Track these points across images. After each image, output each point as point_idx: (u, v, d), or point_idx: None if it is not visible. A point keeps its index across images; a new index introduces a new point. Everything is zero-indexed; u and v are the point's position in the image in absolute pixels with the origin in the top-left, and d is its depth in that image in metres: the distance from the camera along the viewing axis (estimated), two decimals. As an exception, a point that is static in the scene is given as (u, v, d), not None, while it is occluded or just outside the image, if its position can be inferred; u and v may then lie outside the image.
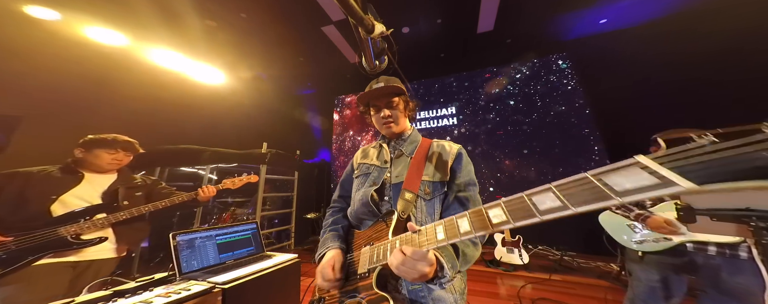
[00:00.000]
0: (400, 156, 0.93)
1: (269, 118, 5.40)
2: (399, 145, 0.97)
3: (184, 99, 4.00)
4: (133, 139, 1.60)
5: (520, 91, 4.26)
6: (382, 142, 1.02)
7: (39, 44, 2.72)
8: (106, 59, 3.18)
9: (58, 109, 2.90)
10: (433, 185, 0.82)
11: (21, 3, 2.51)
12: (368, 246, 0.74)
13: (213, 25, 3.61)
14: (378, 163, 0.95)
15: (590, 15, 3.60)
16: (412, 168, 0.85)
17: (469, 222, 0.48)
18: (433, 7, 3.48)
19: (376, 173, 0.92)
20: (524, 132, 4.09)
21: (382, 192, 0.87)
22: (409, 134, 0.99)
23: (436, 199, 0.81)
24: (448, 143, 0.94)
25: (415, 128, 1.03)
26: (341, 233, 0.90)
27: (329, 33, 3.97)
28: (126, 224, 1.47)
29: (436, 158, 0.88)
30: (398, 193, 0.82)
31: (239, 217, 3.94)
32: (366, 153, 1.04)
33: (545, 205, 0.39)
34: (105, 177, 1.53)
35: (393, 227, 0.70)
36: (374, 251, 0.70)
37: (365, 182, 0.93)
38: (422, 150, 0.91)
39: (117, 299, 0.97)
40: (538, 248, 3.50)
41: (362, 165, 0.99)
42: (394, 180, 0.87)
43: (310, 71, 5.17)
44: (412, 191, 0.79)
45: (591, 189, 0.35)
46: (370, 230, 0.81)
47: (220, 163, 3.89)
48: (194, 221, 3.58)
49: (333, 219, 0.97)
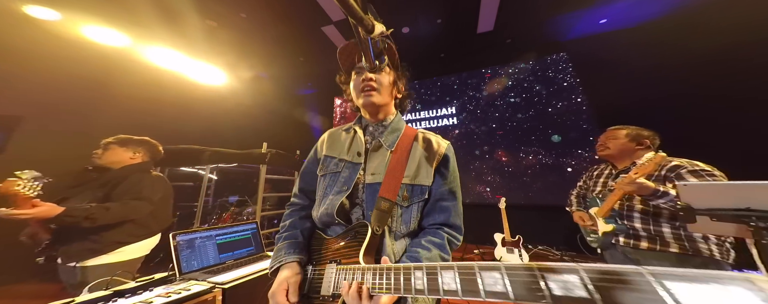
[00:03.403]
0: (378, 148, 0.77)
1: (269, 118, 5.41)
2: (378, 132, 0.81)
3: (184, 99, 4.01)
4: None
5: (520, 91, 4.26)
6: (356, 127, 0.83)
7: (39, 44, 2.73)
8: (106, 59, 3.18)
9: (58, 109, 2.90)
10: (413, 190, 0.71)
11: (21, 3, 2.51)
12: (335, 264, 0.63)
13: (213, 24, 3.61)
14: (349, 157, 0.77)
15: (590, 15, 3.60)
16: (391, 166, 0.71)
17: (458, 280, 0.40)
18: (433, 7, 3.48)
19: (347, 172, 0.75)
20: (524, 132, 4.09)
21: (354, 194, 0.72)
22: (391, 120, 0.82)
23: (415, 205, 0.70)
24: (436, 138, 0.80)
25: (398, 114, 0.85)
26: (301, 239, 0.75)
27: (329, 33, 3.97)
28: None
29: (420, 154, 0.75)
30: (373, 197, 0.69)
31: (239, 217, 3.94)
32: (335, 139, 0.85)
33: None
34: None
35: (365, 246, 0.60)
36: (341, 273, 0.60)
37: (333, 184, 0.75)
38: (405, 142, 0.77)
39: (117, 299, 0.98)
40: (538, 248, 3.50)
41: (329, 159, 0.80)
42: (368, 178, 0.72)
43: (310, 71, 5.17)
44: (389, 200, 0.67)
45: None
46: (339, 241, 0.68)
47: (220, 163, 3.88)
48: (194, 220, 3.58)
49: (291, 222, 0.80)
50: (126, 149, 1.61)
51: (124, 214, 1.41)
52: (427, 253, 0.63)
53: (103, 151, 1.58)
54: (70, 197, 1.44)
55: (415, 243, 0.67)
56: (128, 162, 1.60)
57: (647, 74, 3.43)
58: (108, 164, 1.57)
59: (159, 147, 1.80)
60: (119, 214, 1.38)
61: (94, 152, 1.59)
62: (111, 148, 1.58)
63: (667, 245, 1.13)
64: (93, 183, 1.50)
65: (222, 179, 4.51)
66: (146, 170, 1.65)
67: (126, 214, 1.42)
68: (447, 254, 0.66)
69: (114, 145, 1.59)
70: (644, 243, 1.18)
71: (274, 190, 4.30)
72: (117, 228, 1.41)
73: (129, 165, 1.60)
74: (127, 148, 1.61)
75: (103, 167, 1.57)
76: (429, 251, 0.63)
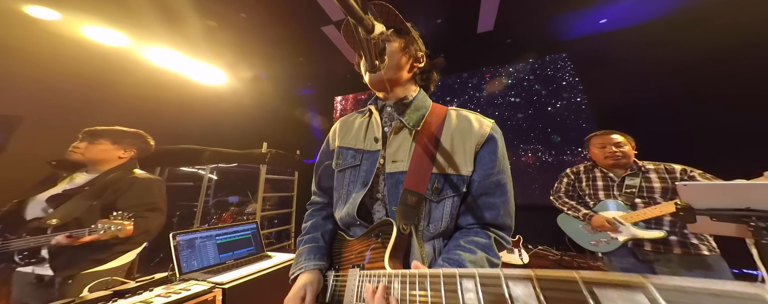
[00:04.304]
0: (400, 130, 0.64)
1: (269, 118, 5.41)
2: (398, 112, 0.66)
3: (184, 99, 4.01)
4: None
5: (520, 91, 4.26)
6: (372, 107, 0.71)
7: (39, 44, 2.73)
8: (107, 59, 3.18)
9: (58, 109, 2.90)
10: (446, 180, 0.57)
11: (21, 3, 2.51)
12: (359, 269, 0.54)
13: (213, 25, 3.61)
14: (366, 146, 0.66)
15: (590, 15, 3.60)
16: (417, 151, 0.59)
17: (541, 298, 0.25)
18: (433, 7, 3.48)
19: (367, 163, 0.64)
20: (525, 132, 4.09)
21: (374, 188, 0.62)
22: (414, 97, 0.67)
23: (448, 200, 0.57)
24: (477, 116, 0.64)
25: (421, 91, 0.70)
26: (322, 244, 0.67)
27: (329, 33, 3.96)
28: None
29: (455, 135, 0.61)
30: (396, 188, 0.58)
31: (239, 217, 3.94)
32: (348, 127, 0.73)
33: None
34: None
35: (391, 248, 0.50)
36: (365, 279, 0.50)
37: (355, 180, 0.65)
38: (434, 121, 0.63)
39: (117, 299, 0.98)
40: (538, 248, 3.50)
41: (345, 151, 0.69)
42: (389, 167, 0.60)
43: (310, 71, 5.17)
44: (417, 192, 0.55)
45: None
46: (362, 242, 0.59)
47: (220, 163, 3.89)
48: (194, 221, 3.58)
49: (312, 223, 0.72)
50: (117, 147, 1.38)
51: (144, 228, 1.28)
52: (470, 256, 0.50)
53: (88, 145, 1.31)
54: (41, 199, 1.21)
55: (453, 245, 0.55)
56: (116, 162, 1.37)
57: (647, 74, 3.43)
58: (89, 162, 1.31)
59: (149, 140, 1.56)
60: (140, 229, 1.25)
61: (74, 146, 1.30)
62: (100, 144, 1.32)
63: (699, 248, 1.18)
64: (83, 192, 1.25)
65: (222, 179, 4.51)
66: (133, 168, 1.43)
67: (146, 227, 1.30)
68: (496, 258, 0.53)
69: (104, 141, 1.33)
70: (677, 249, 1.21)
71: (274, 190, 4.30)
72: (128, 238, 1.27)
73: (117, 166, 1.36)
74: (119, 146, 1.38)
75: (76, 164, 1.30)
76: (473, 254, 0.51)
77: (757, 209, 0.75)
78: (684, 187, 0.91)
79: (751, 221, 0.73)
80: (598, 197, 1.49)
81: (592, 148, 1.60)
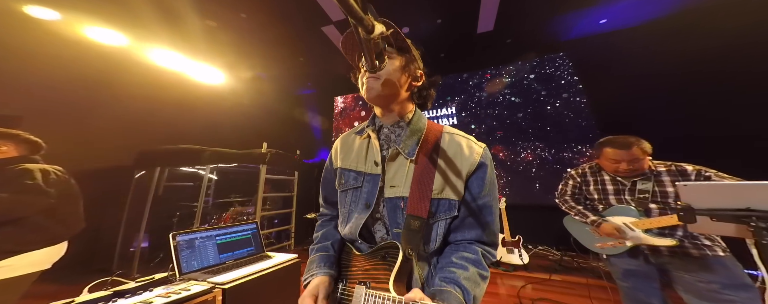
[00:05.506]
0: (396, 157, 0.67)
1: (269, 118, 5.41)
2: (394, 135, 0.70)
3: (184, 99, 4.01)
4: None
5: (520, 91, 4.26)
6: (370, 130, 0.72)
7: (39, 44, 2.73)
8: (107, 59, 3.19)
9: (57, 109, 2.90)
10: (439, 204, 0.61)
11: (21, 3, 2.51)
12: (364, 287, 0.58)
13: (213, 25, 3.61)
14: (367, 168, 0.69)
15: (590, 15, 3.60)
16: (416, 178, 0.62)
17: None
18: (433, 7, 3.48)
19: (368, 185, 0.67)
20: (524, 131, 4.09)
21: (375, 209, 0.65)
22: (409, 119, 0.70)
23: (442, 222, 0.62)
24: (468, 141, 0.67)
25: (417, 110, 0.73)
26: (332, 253, 0.71)
27: (329, 33, 3.97)
28: None
29: (448, 161, 0.64)
30: (394, 212, 0.62)
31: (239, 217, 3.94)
32: (349, 148, 0.76)
33: None
34: None
35: (396, 272, 0.54)
36: (371, 298, 0.54)
37: (356, 201, 0.69)
38: (429, 146, 0.66)
39: (117, 299, 0.98)
40: (538, 248, 3.50)
41: (346, 173, 0.72)
42: (388, 192, 0.64)
43: (310, 71, 5.18)
44: (420, 217, 0.58)
45: None
46: (368, 260, 0.63)
47: (220, 163, 3.88)
48: (194, 221, 3.58)
49: (323, 233, 0.77)
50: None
51: (7, 208, 1.11)
52: (463, 272, 0.55)
53: None
54: None
55: (446, 262, 0.59)
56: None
57: (647, 74, 3.43)
58: None
59: (38, 142, 1.43)
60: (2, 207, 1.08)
61: None
62: None
63: (714, 250, 1.16)
64: None
65: (222, 179, 4.50)
66: (20, 163, 1.29)
67: (11, 209, 1.12)
68: (486, 271, 0.58)
69: None
70: (694, 251, 1.19)
71: (274, 190, 4.30)
72: None
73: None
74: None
75: None
76: (466, 270, 0.56)
77: (757, 209, 0.74)
78: (684, 187, 0.90)
79: (751, 221, 0.73)
80: (609, 202, 1.40)
81: (603, 158, 1.40)
